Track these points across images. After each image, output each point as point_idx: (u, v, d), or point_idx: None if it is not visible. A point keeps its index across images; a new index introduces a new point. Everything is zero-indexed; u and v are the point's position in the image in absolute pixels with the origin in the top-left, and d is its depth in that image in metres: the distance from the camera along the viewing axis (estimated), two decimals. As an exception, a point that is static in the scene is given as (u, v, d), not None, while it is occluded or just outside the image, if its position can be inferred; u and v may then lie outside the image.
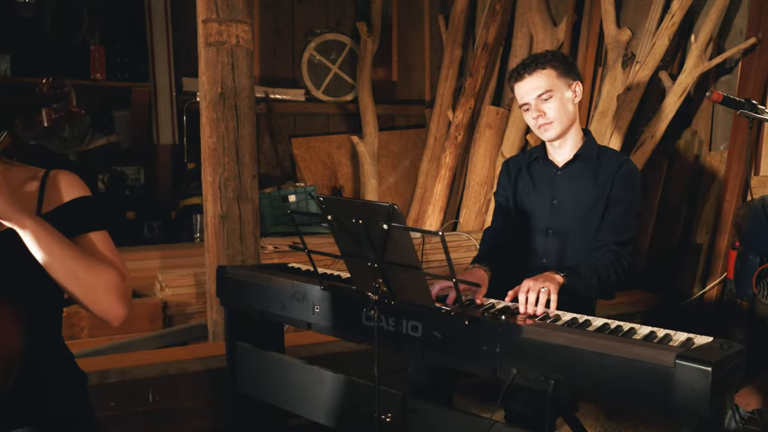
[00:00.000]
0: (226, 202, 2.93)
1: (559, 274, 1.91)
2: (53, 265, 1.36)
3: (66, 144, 4.86)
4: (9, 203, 1.32)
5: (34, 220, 1.35)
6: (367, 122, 5.53)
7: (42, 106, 1.52)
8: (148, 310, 3.20)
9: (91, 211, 1.50)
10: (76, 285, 1.38)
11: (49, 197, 1.47)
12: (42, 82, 1.54)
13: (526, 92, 2.13)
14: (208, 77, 2.89)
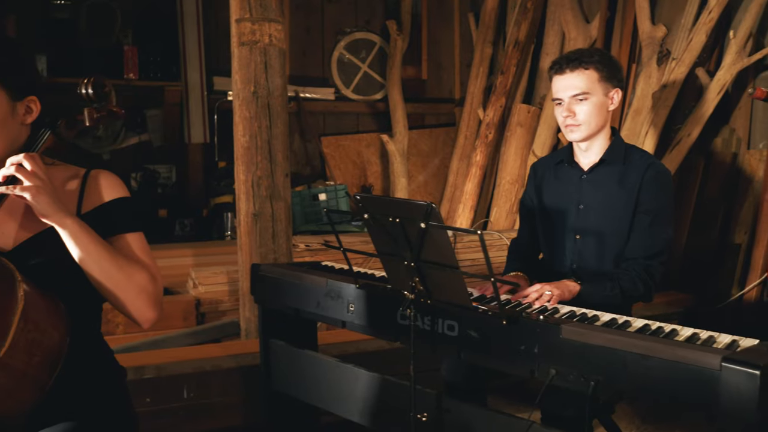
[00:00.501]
0: (258, 201, 2.94)
1: (576, 282, 1.89)
2: (89, 264, 1.38)
3: (100, 143, 4.93)
4: (51, 202, 1.34)
5: (73, 219, 1.37)
6: (396, 121, 5.53)
7: (84, 105, 1.53)
8: (182, 308, 3.23)
9: (128, 212, 1.51)
10: (109, 285, 1.40)
11: (88, 197, 1.49)
12: (83, 82, 1.55)
13: (563, 88, 2.07)
14: (241, 76, 2.90)
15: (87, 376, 1.50)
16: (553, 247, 2.19)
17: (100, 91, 1.56)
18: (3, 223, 1.45)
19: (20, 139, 1.45)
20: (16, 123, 1.43)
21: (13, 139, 1.43)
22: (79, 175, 1.51)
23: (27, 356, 1.27)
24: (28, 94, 1.43)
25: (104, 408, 1.51)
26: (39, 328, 1.30)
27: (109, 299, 1.43)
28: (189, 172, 5.10)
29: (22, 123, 1.44)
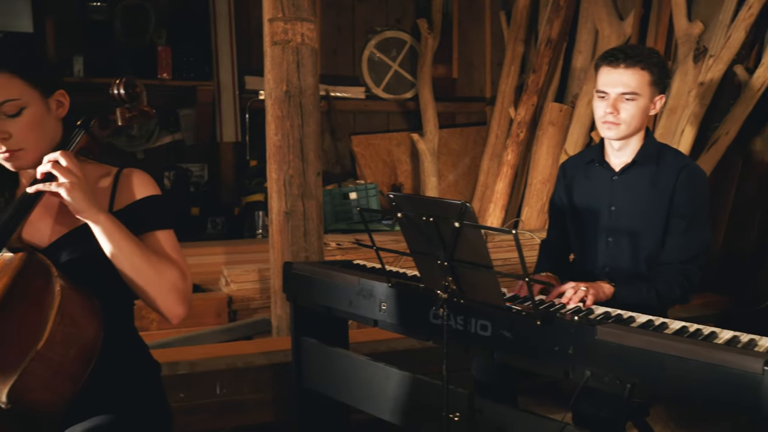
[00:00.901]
0: (290, 199, 2.95)
1: (610, 284, 1.86)
2: (120, 261, 1.40)
3: (134, 142, 5.00)
4: (85, 198, 1.37)
5: (106, 215, 1.39)
6: (427, 120, 5.51)
7: (116, 106, 1.56)
8: (214, 305, 3.26)
9: (159, 210, 1.53)
10: (140, 281, 1.41)
11: (121, 195, 1.51)
12: (115, 82, 1.58)
13: (613, 83, 1.98)
14: (274, 75, 2.92)
15: (122, 371, 1.52)
16: (585, 249, 2.16)
17: (131, 92, 1.58)
18: (39, 220, 1.49)
19: (56, 137, 1.48)
20: (52, 119, 1.46)
21: (52, 139, 1.46)
22: (111, 174, 1.54)
23: (63, 350, 1.30)
24: (56, 88, 1.47)
25: (140, 402, 1.53)
26: (75, 322, 1.32)
27: (139, 295, 1.45)
28: (221, 171, 5.15)
29: (57, 118, 1.47)
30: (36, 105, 1.41)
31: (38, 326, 1.27)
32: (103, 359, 1.41)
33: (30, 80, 1.40)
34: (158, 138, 5.08)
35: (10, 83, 1.38)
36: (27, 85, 1.40)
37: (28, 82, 1.40)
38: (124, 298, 1.56)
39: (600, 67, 2.03)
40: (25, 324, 1.29)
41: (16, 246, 1.41)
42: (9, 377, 1.23)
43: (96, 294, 1.41)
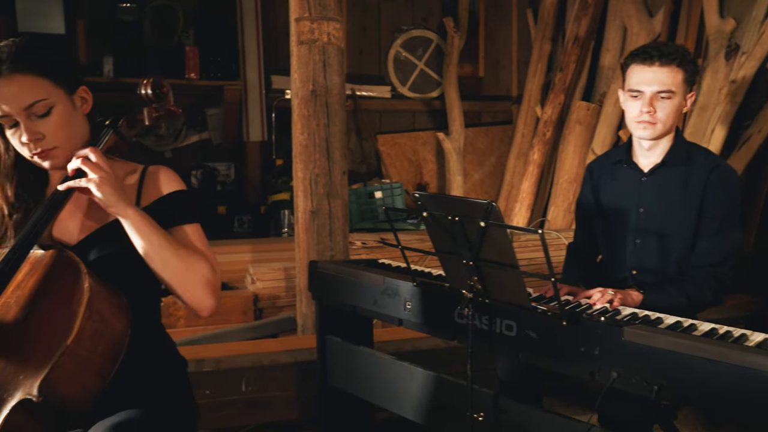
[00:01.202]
0: (316, 198, 2.97)
1: (638, 291, 1.84)
2: (150, 254, 1.42)
3: (162, 141, 5.06)
4: (114, 193, 1.39)
5: (135, 210, 1.41)
6: (453, 119, 5.50)
7: (143, 105, 1.58)
8: (240, 302, 3.29)
9: (185, 204, 1.55)
10: (170, 274, 1.43)
11: (147, 191, 1.53)
12: (143, 82, 1.60)
13: (648, 81, 1.93)
14: (300, 75, 2.93)
15: (149, 366, 1.54)
16: (612, 250, 2.13)
17: (158, 92, 1.60)
18: (69, 218, 1.51)
19: (85, 135, 1.51)
20: (79, 116, 1.49)
21: (81, 135, 1.49)
22: (138, 171, 1.56)
23: (92, 345, 1.32)
24: (79, 85, 1.49)
25: (167, 397, 1.55)
26: (103, 318, 1.34)
27: (170, 288, 1.46)
28: (247, 170, 5.19)
29: (82, 114, 1.50)
30: (63, 103, 1.44)
31: (68, 322, 1.29)
32: (131, 355, 1.43)
33: (55, 79, 1.43)
34: (186, 137, 5.14)
35: (36, 84, 1.40)
36: (52, 84, 1.42)
37: (53, 81, 1.42)
38: (151, 294, 1.59)
39: (631, 65, 1.98)
40: (55, 320, 1.31)
41: (46, 243, 1.43)
42: (40, 371, 1.26)
43: (124, 290, 1.43)
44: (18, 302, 1.35)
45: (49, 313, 1.33)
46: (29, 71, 1.40)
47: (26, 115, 1.40)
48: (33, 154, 1.43)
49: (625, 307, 1.79)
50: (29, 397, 1.24)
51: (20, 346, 1.30)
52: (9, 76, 1.39)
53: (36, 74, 1.41)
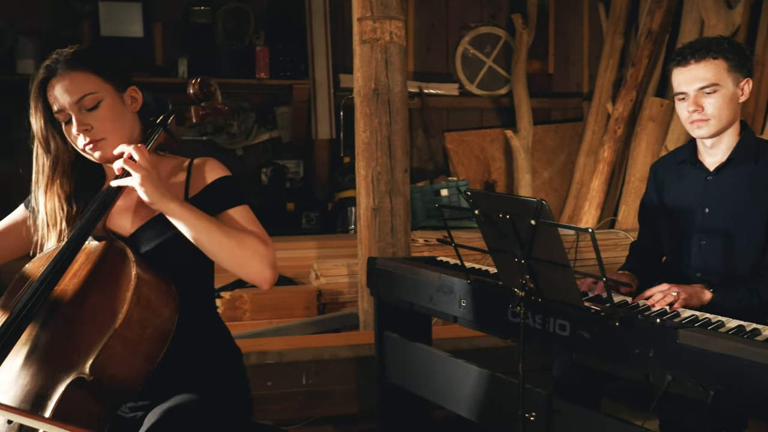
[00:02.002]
0: (378, 196, 3.00)
1: (708, 290, 1.78)
2: (200, 240, 1.48)
3: (234, 139, 5.22)
4: (155, 189, 1.46)
5: (177, 202, 1.48)
6: (521, 116, 5.44)
7: (191, 104, 1.66)
8: (304, 297, 3.36)
9: (230, 189, 1.61)
10: (224, 255, 1.49)
11: (194, 182, 1.61)
12: (191, 82, 1.68)
13: (688, 81, 1.91)
14: (363, 74, 2.97)
15: (203, 353, 1.61)
16: (677, 252, 2.07)
17: (206, 91, 1.68)
18: (122, 211, 1.60)
19: (134, 133, 1.59)
20: (128, 113, 1.57)
21: (130, 129, 1.58)
22: (185, 165, 1.64)
23: (140, 329, 1.39)
24: (129, 84, 1.58)
25: (221, 383, 1.61)
26: (150, 304, 1.42)
27: (228, 268, 1.52)
28: (315, 167, 5.28)
29: (132, 112, 1.58)
30: (111, 98, 1.54)
31: (117, 307, 1.37)
32: (184, 341, 1.50)
33: (104, 76, 1.53)
34: (257, 135, 5.28)
35: (86, 79, 1.51)
36: (102, 80, 1.53)
37: (102, 78, 1.53)
38: (203, 282, 1.66)
39: (672, 71, 1.97)
40: (106, 305, 1.40)
41: (100, 235, 1.53)
42: (92, 352, 1.34)
43: (175, 278, 1.50)
44: (74, 289, 1.44)
45: (101, 299, 1.41)
46: (81, 69, 1.52)
47: (77, 108, 1.51)
48: (84, 145, 1.53)
49: (686, 310, 1.73)
50: (82, 376, 1.32)
51: (75, 330, 1.38)
52: (63, 74, 1.51)
53: (86, 71, 1.52)
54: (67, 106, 1.50)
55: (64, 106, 1.51)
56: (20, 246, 1.65)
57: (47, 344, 1.39)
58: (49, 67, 1.52)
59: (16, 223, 1.66)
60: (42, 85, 1.52)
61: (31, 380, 1.36)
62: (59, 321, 1.41)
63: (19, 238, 1.64)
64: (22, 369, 1.38)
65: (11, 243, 1.65)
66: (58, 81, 1.51)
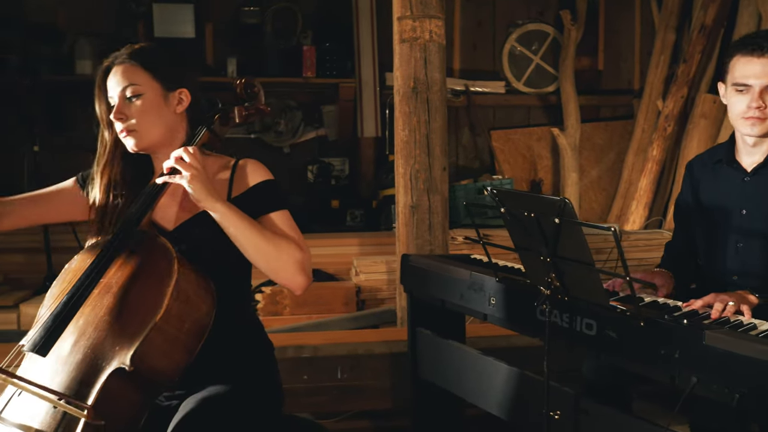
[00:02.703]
0: (416, 193, 3.02)
1: (753, 294, 1.73)
2: (240, 241, 1.54)
3: (281, 137, 5.31)
4: (204, 189, 1.52)
5: (223, 203, 1.54)
6: (568, 114, 5.37)
7: (235, 104, 1.71)
8: (343, 294, 3.41)
9: (272, 192, 1.66)
10: (261, 258, 1.55)
11: (238, 183, 1.66)
12: (236, 83, 1.73)
13: (757, 74, 1.79)
14: (402, 72, 3.00)
15: (237, 346, 1.66)
16: (712, 255, 2.02)
17: (250, 91, 1.73)
18: (167, 207, 1.67)
19: (179, 132, 1.66)
20: (170, 111, 1.64)
21: (169, 127, 1.64)
22: (230, 165, 1.69)
23: (179, 323, 1.45)
24: (179, 86, 1.64)
25: (254, 375, 1.66)
26: (189, 299, 1.47)
27: (263, 270, 1.57)
28: (361, 165, 5.33)
29: (175, 112, 1.64)
30: (154, 95, 1.61)
31: (158, 301, 1.43)
32: (220, 335, 1.56)
33: (153, 73, 1.61)
34: (303, 134, 5.36)
35: (136, 72, 1.60)
36: (149, 76, 1.61)
37: (152, 75, 1.61)
38: (240, 279, 1.72)
39: (736, 55, 1.86)
40: (148, 299, 1.46)
41: (145, 230, 1.59)
42: (132, 344, 1.40)
43: (214, 274, 1.56)
44: (118, 283, 1.51)
45: (143, 293, 1.48)
46: (133, 62, 1.61)
47: (121, 97, 1.60)
48: (119, 131, 1.61)
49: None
50: (123, 366, 1.39)
51: (118, 321, 1.45)
52: (119, 65, 1.62)
53: (138, 65, 1.61)
54: (114, 94, 1.60)
55: (112, 94, 1.61)
56: (58, 213, 1.75)
57: (91, 334, 1.46)
58: (112, 58, 1.63)
59: (61, 191, 1.74)
60: (104, 74, 1.63)
61: (76, 368, 1.44)
62: (103, 313, 1.47)
63: (59, 206, 1.73)
64: (69, 356, 1.45)
65: (50, 209, 1.73)
66: (115, 71, 1.61)
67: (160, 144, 1.64)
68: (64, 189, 1.75)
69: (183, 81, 1.66)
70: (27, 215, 1.70)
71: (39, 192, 1.73)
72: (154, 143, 1.63)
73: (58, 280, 1.62)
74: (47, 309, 1.55)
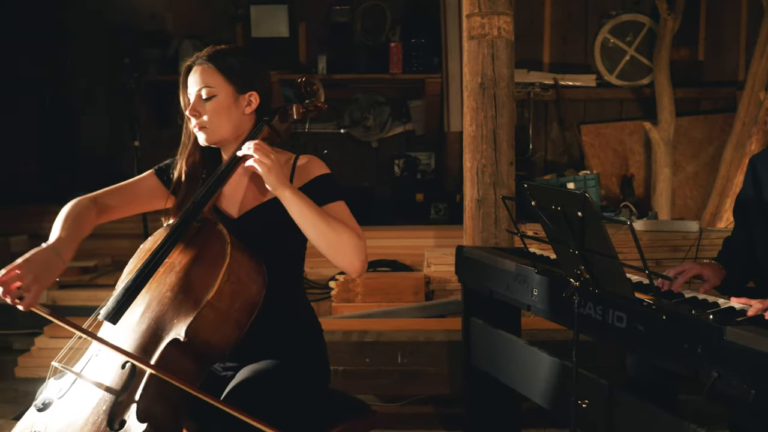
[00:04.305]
0: (482, 187, 3.08)
1: None
2: (306, 225, 1.67)
3: (369, 132, 5.47)
4: (277, 177, 1.67)
5: (292, 190, 1.68)
6: (662, 107, 5.20)
7: (294, 102, 1.84)
8: (413, 283, 3.51)
9: (330, 185, 1.79)
10: (322, 241, 1.67)
11: (298, 176, 1.80)
12: (298, 81, 1.87)
13: None
14: (470, 69, 3.06)
15: (286, 325, 1.81)
16: None
17: (309, 90, 1.86)
18: (232, 197, 1.83)
19: (245, 128, 1.81)
20: (239, 112, 1.79)
21: (237, 125, 1.79)
22: (291, 160, 1.83)
23: (230, 301, 1.60)
24: (250, 89, 1.79)
25: (302, 353, 1.81)
26: (240, 281, 1.62)
27: (324, 253, 1.70)
28: (446, 159, 5.40)
29: (244, 113, 1.80)
30: (226, 97, 1.76)
31: (212, 281, 1.59)
32: (273, 315, 1.72)
33: (228, 77, 1.76)
34: (391, 128, 5.50)
35: (212, 74, 1.76)
36: (223, 78, 1.76)
37: (226, 77, 1.76)
38: (294, 266, 1.87)
39: None
40: (203, 278, 1.62)
41: (207, 217, 1.76)
42: (188, 318, 1.57)
43: (270, 259, 1.70)
44: (180, 263, 1.69)
45: (200, 273, 1.64)
46: (211, 64, 1.77)
47: (197, 96, 1.77)
48: (193, 126, 1.78)
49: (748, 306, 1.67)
50: (178, 337, 1.56)
51: (177, 297, 1.62)
52: (199, 65, 1.78)
53: (214, 67, 1.76)
54: (192, 92, 1.78)
55: (191, 91, 1.78)
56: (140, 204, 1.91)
57: (155, 307, 1.64)
58: (194, 57, 1.80)
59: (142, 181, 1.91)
60: (187, 71, 1.80)
61: (141, 335, 1.63)
62: (166, 289, 1.66)
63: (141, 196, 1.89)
64: (136, 325, 1.65)
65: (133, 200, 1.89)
66: (195, 70, 1.78)
67: (228, 140, 1.81)
68: (144, 180, 1.93)
69: (254, 84, 1.80)
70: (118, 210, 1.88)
71: (121, 184, 1.91)
72: (223, 139, 1.80)
73: (133, 258, 1.82)
74: (122, 283, 1.75)
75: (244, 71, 1.80)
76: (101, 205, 1.83)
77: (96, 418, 1.53)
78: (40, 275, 1.53)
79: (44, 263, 1.56)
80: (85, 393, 1.60)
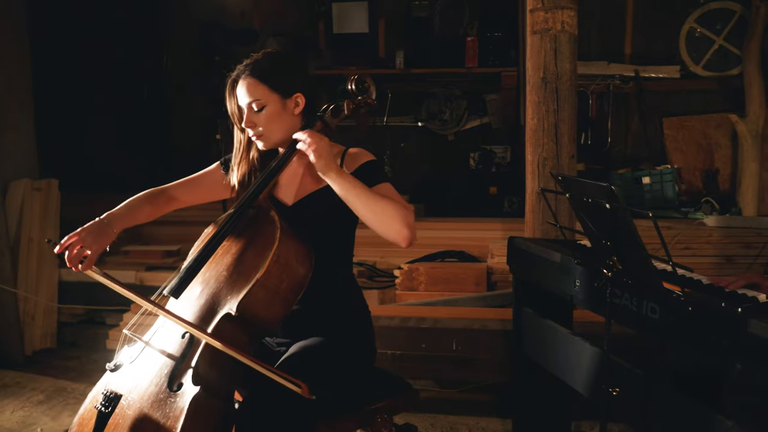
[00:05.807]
0: (543, 180, 3.11)
1: None
2: (355, 203, 1.79)
3: (446, 125, 5.55)
4: (327, 160, 1.79)
5: (338, 171, 1.80)
6: (751, 98, 4.98)
7: (346, 98, 1.97)
8: (475, 274, 3.58)
9: (376, 169, 1.92)
10: (371, 215, 1.78)
11: (347, 164, 1.92)
12: (350, 78, 1.99)
13: None
14: (532, 63, 3.09)
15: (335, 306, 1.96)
16: None
17: (361, 86, 1.98)
18: (288, 184, 1.99)
19: (298, 127, 1.94)
20: (289, 115, 1.93)
21: (290, 127, 1.93)
22: (340, 152, 1.96)
23: (278, 281, 1.75)
24: (294, 92, 1.92)
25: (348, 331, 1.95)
26: (288, 263, 1.77)
27: (373, 226, 1.80)
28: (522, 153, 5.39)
29: (293, 114, 1.94)
30: (274, 104, 1.90)
31: (261, 263, 1.75)
32: (323, 295, 1.88)
33: (270, 85, 1.89)
34: (467, 122, 5.56)
35: (257, 86, 1.89)
36: (268, 88, 1.89)
37: (269, 86, 1.89)
38: (343, 251, 2.01)
39: None
40: (255, 259, 1.78)
41: (261, 204, 1.92)
42: (239, 294, 1.73)
43: (320, 244, 1.85)
44: (235, 245, 1.86)
45: (252, 255, 1.81)
46: (255, 77, 1.90)
47: (249, 109, 1.91)
48: (251, 135, 1.94)
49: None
50: (230, 311, 1.73)
51: (231, 276, 1.79)
52: (244, 79, 1.91)
53: (259, 80, 1.89)
54: (243, 104, 1.92)
55: (241, 104, 1.93)
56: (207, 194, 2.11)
57: (213, 285, 1.82)
58: (237, 71, 1.94)
59: (209, 174, 2.10)
60: (233, 83, 1.95)
61: (199, 309, 1.81)
62: (222, 268, 1.83)
63: (208, 187, 2.10)
64: (196, 300, 1.83)
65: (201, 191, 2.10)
66: (240, 84, 1.92)
67: (285, 141, 1.95)
68: (210, 172, 2.12)
69: (297, 86, 1.93)
70: (185, 200, 2.11)
71: (191, 177, 2.12)
72: (280, 142, 1.95)
73: (198, 241, 2.01)
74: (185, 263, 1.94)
75: (285, 77, 1.91)
76: (169, 195, 2.05)
77: (158, 380, 1.73)
78: (95, 240, 1.83)
79: (97, 231, 1.85)
80: (151, 358, 1.81)
